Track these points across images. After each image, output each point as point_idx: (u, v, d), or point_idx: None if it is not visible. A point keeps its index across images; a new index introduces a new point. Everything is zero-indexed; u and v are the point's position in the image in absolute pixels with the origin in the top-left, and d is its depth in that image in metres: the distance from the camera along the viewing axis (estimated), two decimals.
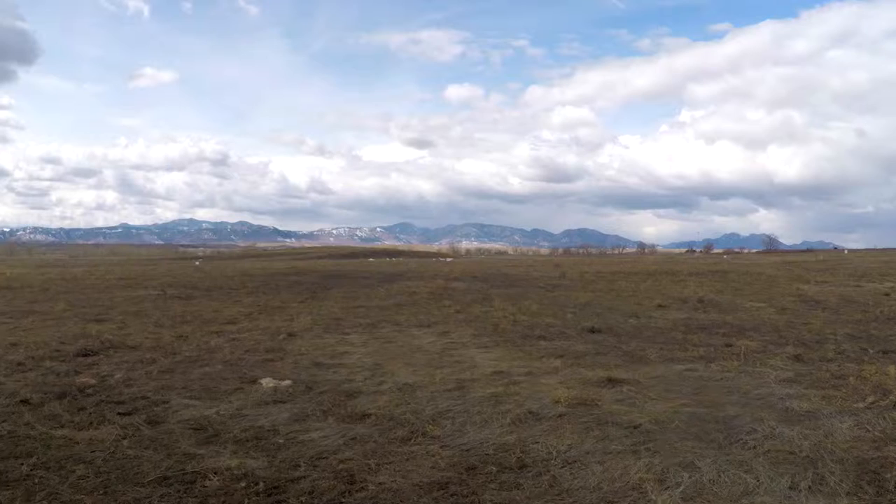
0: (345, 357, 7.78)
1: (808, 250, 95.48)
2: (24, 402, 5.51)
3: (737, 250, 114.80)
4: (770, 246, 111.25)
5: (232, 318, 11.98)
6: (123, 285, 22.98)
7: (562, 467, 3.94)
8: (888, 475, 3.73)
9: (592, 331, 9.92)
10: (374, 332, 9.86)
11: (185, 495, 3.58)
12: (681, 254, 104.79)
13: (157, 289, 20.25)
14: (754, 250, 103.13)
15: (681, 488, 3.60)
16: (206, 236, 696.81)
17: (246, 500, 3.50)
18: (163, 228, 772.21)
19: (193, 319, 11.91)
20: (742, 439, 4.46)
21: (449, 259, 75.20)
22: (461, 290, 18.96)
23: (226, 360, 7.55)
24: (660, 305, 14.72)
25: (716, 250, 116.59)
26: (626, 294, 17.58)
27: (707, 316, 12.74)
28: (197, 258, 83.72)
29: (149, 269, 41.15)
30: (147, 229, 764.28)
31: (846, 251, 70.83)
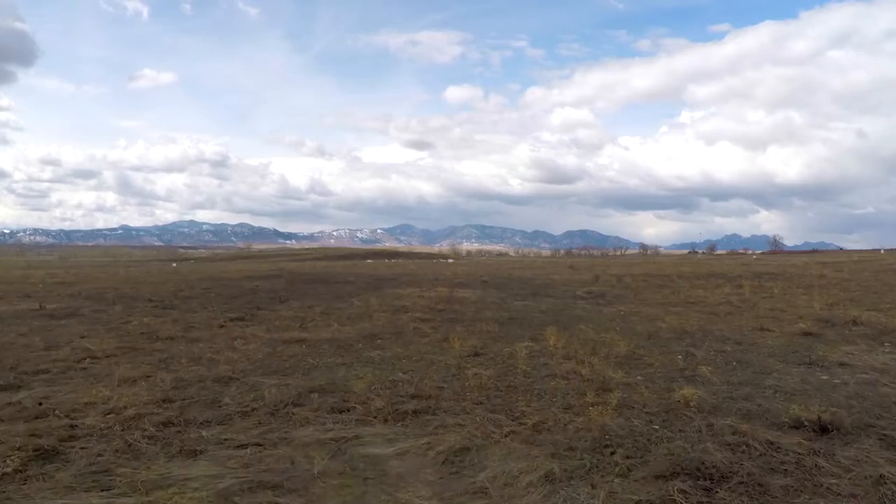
0: None
1: (814, 251, 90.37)
2: None
3: (741, 251, 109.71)
4: (775, 247, 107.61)
5: (33, 373, 6.10)
6: (27, 294, 17.23)
7: None
8: None
9: (823, 428, 4.04)
10: (264, 456, 3.76)
11: None
12: (686, 255, 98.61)
13: (45, 301, 14.45)
14: (758, 251, 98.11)
15: None
16: (206, 238, 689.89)
17: None
18: (163, 230, 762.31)
19: None
20: None
21: (450, 260, 69.19)
22: (472, 304, 13.06)
23: None
24: (806, 333, 8.90)
25: (719, 251, 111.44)
26: (721, 311, 11.68)
27: None
28: (178, 260, 77.97)
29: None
30: (147, 231, 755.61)
31: (882, 251, 64.88)
